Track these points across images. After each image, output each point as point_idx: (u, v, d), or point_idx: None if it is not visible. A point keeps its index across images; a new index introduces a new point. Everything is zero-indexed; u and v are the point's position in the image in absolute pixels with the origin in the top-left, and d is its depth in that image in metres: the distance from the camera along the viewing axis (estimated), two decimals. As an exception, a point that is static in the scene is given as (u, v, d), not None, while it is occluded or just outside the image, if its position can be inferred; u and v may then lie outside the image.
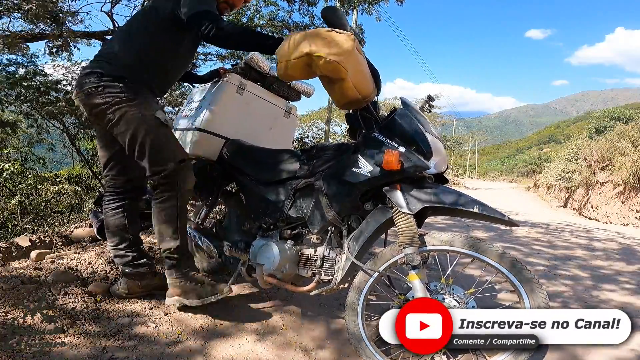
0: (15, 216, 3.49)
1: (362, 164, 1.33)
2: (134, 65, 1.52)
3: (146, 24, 1.57)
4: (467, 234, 1.29)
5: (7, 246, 2.08)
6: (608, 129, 15.15)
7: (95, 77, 1.47)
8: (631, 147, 8.43)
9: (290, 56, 1.23)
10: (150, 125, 1.48)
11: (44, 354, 1.25)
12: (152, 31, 1.54)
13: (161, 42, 1.56)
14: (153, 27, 1.55)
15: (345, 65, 1.20)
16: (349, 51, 1.20)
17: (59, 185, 4.68)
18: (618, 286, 2.60)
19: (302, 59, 1.21)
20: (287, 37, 1.28)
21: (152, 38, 1.54)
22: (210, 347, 1.41)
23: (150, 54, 1.54)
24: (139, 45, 1.54)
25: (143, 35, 1.55)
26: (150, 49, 1.54)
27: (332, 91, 1.32)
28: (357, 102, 1.35)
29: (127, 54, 1.52)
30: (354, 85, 1.27)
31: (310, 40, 1.20)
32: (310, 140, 14.59)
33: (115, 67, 1.49)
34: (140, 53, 1.53)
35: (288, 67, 1.25)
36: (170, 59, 1.62)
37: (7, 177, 3.81)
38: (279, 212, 1.57)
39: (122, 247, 1.66)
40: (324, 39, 1.20)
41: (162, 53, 1.57)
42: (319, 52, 1.18)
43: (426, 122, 1.37)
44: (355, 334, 1.31)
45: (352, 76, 1.24)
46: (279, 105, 2.05)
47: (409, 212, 1.24)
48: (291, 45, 1.24)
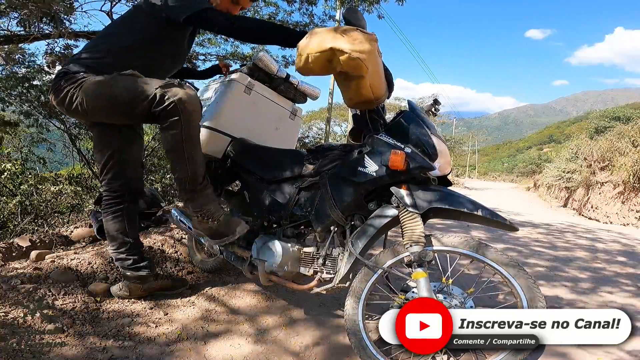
0: (15, 216, 3.49)
1: (368, 163, 1.34)
2: (110, 62, 1.50)
3: (127, 27, 1.57)
4: (469, 235, 1.30)
5: (7, 246, 2.08)
6: (608, 129, 15.15)
7: (59, 77, 1.48)
8: (631, 147, 8.43)
9: (313, 50, 1.22)
10: (114, 79, 1.43)
11: (44, 354, 1.25)
12: (134, 31, 1.54)
13: (142, 42, 1.54)
14: (134, 28, 1.54)
15: (367, 63, 1.21)
16: (371, 50, 1.22)
17: (59, 186, 4.67)
18: (619, 288, 2.60)
19: (325, 54, 1.21)
20: (311, 32, 1.28)
21: (132, 38, 1.53)
22: (210, 347, 1.41)
23: (126, 53, 1.52)
24: (114, 46, 1.53)
25: (120, 36, 1.55)
26: (129, 48, 1.53)
27: (347, 89, 1.33)
28: (369, 103, 1.37)
29: (101, 54, 1.51)
30: (370, 85, 1.29)
31: (335, 36, 1.21)
32: (311, 140, 14.61)
33: (84, 65, 1.48)
34: (113, 52, 1.52)
35: (309, 60, 1.24)
36: (150, 57, 1.58)
37: (8, 177, 3.82)
38: (283, 210, 1.58)
39: (123, 251, 1.66)
40: (349, 35, 1.20)
41: (144, 53, 1.55)
42: (343, 48, 1.18)
43: (432, 124, 1.39)
44: (356, 334, 1.31)
45: (370, 75, 1.26)
46: (285, 106, 2.06)
47: (417, 211, 1.26)
48: (314, 39, 1.24)
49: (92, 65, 1.48)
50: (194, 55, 6.59)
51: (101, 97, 1.42)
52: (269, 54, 1.71)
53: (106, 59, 1.50)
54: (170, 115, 1.40)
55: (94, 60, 1.50)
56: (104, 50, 1.52)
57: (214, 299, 1.82)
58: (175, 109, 1.39)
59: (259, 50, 6.52)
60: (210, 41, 6.54)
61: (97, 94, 1.42)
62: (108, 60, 1.50)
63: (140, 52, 1.54)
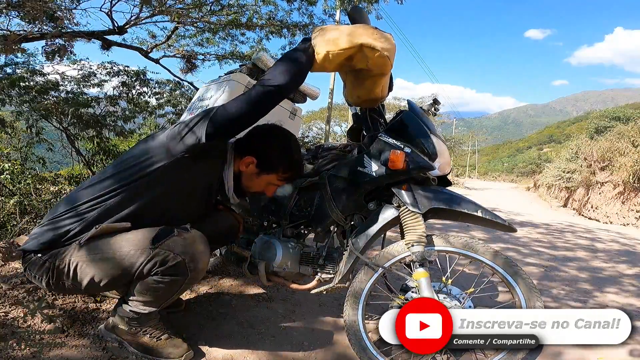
0: (14, 216, 3.48)
1: (368, 163, 1.34)
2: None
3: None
4: (470, 236, 1.30)
5: (7, 246, 2.08)
6: (608, 129, 15.14)
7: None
8: (631, 147, 8.43)
9: (336, 47, 1.18)
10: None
11: (44, 354, 1.25)
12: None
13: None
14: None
15: (392, 61, 1.22)
16: (394, 49, 1.23)
17: (59, 186, 4.67)
18: (619, 288, 2.60)
19: (349, 51, 1.18)
20: (321, 28, 1.23)
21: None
22: (210, 347, 1.41)
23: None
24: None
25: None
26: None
27: (359, 86, 1.33)
28: (374, 101, 1.39)
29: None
30: (383, 83, 1.30)
31: (361, 33, 1.19)
32: (311, 140, 14.61)
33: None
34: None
35: (329, 57, 1.19)
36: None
37: (7, 177, 3.81)
38: (283, 210, 1.58)
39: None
40: (375, 34, 1.20)
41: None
42: (375, 45, 1.17)
43: (432, 124, 1.39)
44: (356, 334, 1.31)
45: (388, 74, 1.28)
46: (285, 106, 2.06)
47: (418, 211, 1.26)
48: (332, 36, 1.20)
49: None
50: (192, 55, 6.59)
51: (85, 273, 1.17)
52: (268, 53, 1.69)
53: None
54: (172, 274, 1.18)
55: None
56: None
57: (214, 299, 1.82)
58: (178, 268, 1.17)
59: (258, 49, 6.52)
60: (209, 40, 6.54)
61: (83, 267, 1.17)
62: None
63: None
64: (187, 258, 1.17)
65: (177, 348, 1.30)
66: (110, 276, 1.16)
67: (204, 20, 5.86)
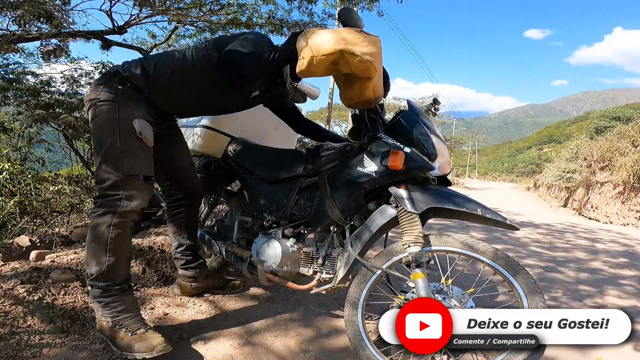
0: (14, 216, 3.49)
1: (368, 163, 1.34)
2: (149, 80, 1.39)
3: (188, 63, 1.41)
4: (468, 235, 1.30)
5: (7, 246, 2.08)
6: (608, 129, 15.15)
7: (104, 76, 1.41)
8: (631, 147, 8.43)
9: (319, 53, 1.20)
10: (120, 127, 1.31)
11: (44, 354, 1.25)
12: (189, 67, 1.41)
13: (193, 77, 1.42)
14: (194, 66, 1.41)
15: (376, 65, 1.22)
16: (378, 52, 1.22)
17: (59, 185, 4.66)
18: (619, 289, 2.60)
19: (331, 57, 1.20)
20: (307, 32, 1.26)
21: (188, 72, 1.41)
22: (210, 347, 1.41)
23: (176, 81, 1.41)
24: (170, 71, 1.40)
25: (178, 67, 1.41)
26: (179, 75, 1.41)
27: (349, 90, 1.33)
28: (369, 103, 1.37)
29: (154, 72, 1.39)
30: (373, 86, 1.29)
31: (343, 38, 1.19)
32: (311, 140, 14.58)
33: (131, 75, 1.38)
34: (166, 78, 1.39)
35: (313, 63, 1.22)
36: (191, 89, 1.45)
37: (6, 177, 3.81)
38: (282, 210, 1.58)
39: (179, 251, 1.75)
40: (358, 38, 1.20)
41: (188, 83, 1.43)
42: (355, 51, 1.18)
43: (431, 124, 1.39)
44: (356, 334, 1.31)
45: (377, 77, 1.27)
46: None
47: (415, 211, 1.25)
48: (316, 40, 1.22)
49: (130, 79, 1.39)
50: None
51: (96, 131, 1.35)
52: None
53: (149, 80, 1.41)
54: (105, 205, 1.29)
55: (141, 77, 1.41)
56: (157, 73, 1.42)
57: (214, 299, 1.82)
58: (113, 201, 1.29)
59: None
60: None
61: (100, 128, 1.34)
62: (148, 81, 1.42)
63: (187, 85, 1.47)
64: (124, 200, 1.29)
65: (149, 342, 1.24)
66: (101, 140, 1.32)
67: (203, 19, 5.85)
